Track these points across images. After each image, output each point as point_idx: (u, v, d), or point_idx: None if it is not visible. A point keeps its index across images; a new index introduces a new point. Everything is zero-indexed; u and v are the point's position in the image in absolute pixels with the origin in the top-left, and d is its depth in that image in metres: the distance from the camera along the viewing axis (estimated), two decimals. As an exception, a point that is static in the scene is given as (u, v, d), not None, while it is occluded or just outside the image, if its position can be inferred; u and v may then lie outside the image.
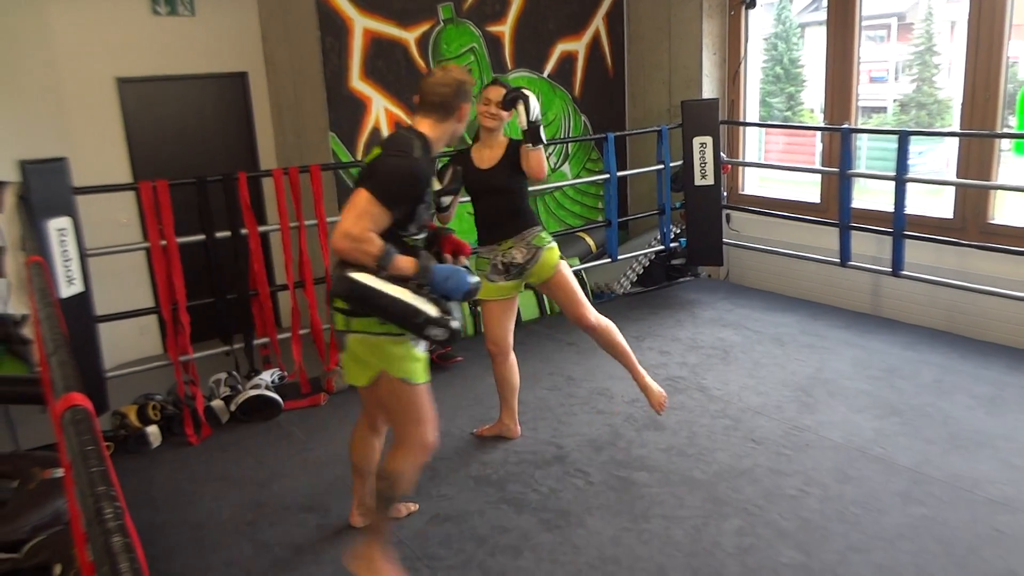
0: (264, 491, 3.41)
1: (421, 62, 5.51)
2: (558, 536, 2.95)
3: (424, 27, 5.49)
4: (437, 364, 4.63)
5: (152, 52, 5.54)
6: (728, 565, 2.74)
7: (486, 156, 3.46)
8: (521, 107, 3.30)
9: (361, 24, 5.22)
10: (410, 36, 5.45)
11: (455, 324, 2.45)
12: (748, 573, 2.69)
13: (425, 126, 2.57)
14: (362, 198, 2.35)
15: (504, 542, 2.94)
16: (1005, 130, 4.69)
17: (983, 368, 4.25)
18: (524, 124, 3.31)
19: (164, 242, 3.90)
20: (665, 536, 2.92)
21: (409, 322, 2.39)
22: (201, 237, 4.09)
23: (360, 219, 2.33)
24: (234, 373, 4.30)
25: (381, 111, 5.41)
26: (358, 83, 5.29)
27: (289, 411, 4.19)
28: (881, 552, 2.76)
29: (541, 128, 3.34)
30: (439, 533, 3.01)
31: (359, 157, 5.33)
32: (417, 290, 2.41)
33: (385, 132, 5.43)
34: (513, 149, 3.42)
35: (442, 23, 5.57)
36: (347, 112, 5.27)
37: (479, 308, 3.74)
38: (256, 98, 5.95)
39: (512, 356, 3.65)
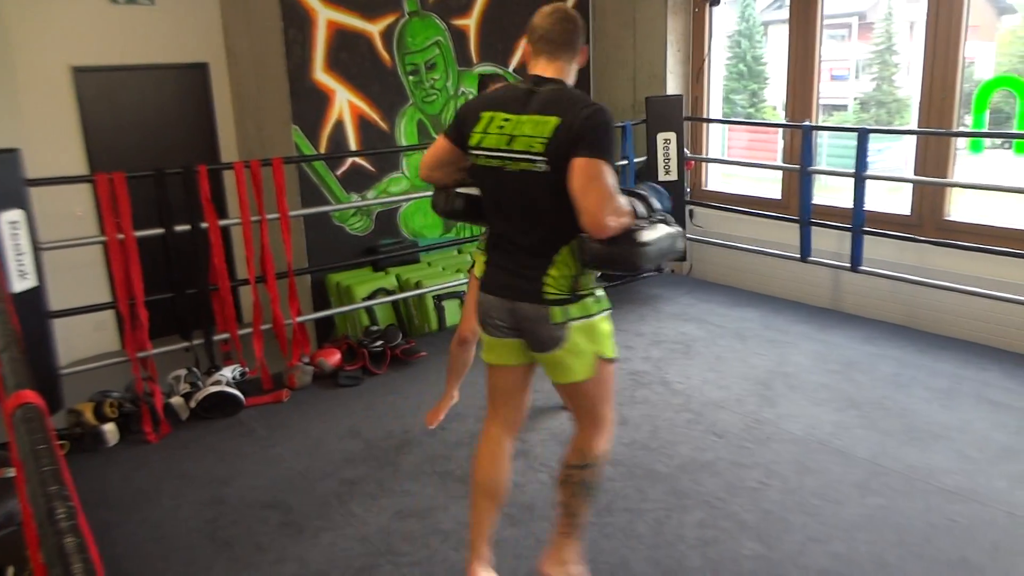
0: (225, 489, 3.37)
1: (385, 55, 5.47)
2: (522, 530, 2.96)
3: (388, 19, 5.45)
4: (400, 359, 4.61)
5: (110, 41, 5.44)
6: (690, 557, 2.76)
7: None
8: None
9: (325, 15, 5.16)
10: (374, 28, 5.40)
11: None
12: (710, 565, 2.72)
13: (555, 70, 2.26)
14: (597, 168, 2.08)
15: (468, 537, 2.93)
16: (961, 129, 4.79)
17: (939, 362, 4.34)
18: None
19: (121, 236, 3.82)
20: (628, 529, 2.93)
21: (677, 246, 2.29)
22: (160, 231, 4.02)
23: (613, 189, 2.10)
24: (194, 369, 4.23)
25: (345, 104, 5.35)
26: (321, 75, 5.23)
27: (251, 408, 4.14)
28: (839, 542, 2.80)
29: None
30: (402, 528, 3.00)
31: (322, 150, 5.28)
32: (658, 218, 2.28)
33: (349, 125, 5.38)
34: None
35: (407, 15, 5.53)
36: (310, 105, 5.21)
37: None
38: (217, 89, 5.87)
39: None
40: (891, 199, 5.29)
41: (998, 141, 5.11)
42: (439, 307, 5.26)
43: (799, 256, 5.24)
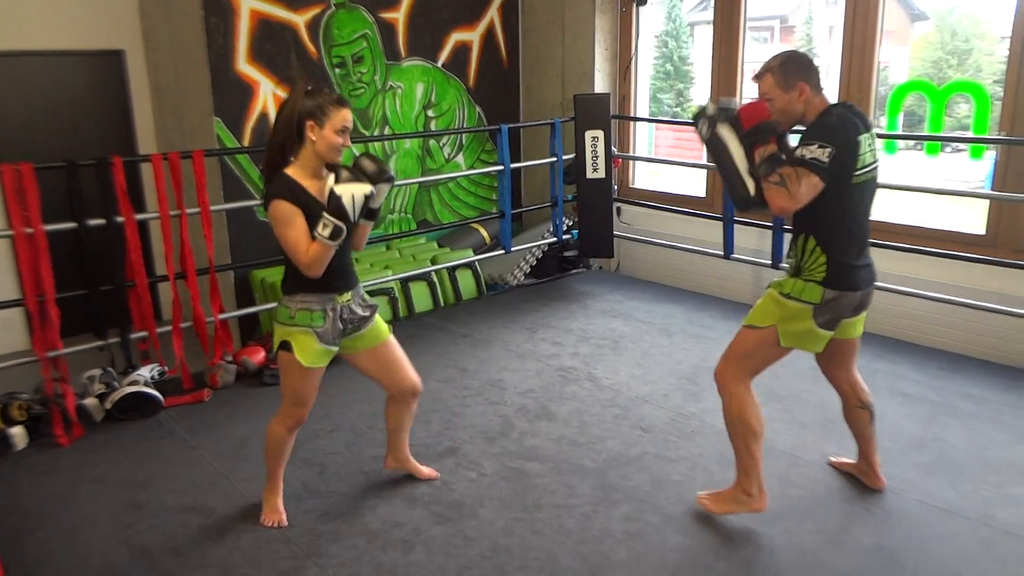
0: (143, 492, 3.25)
1: (311, 47, 5.37)
2: (451, 528, 2.94)
3: (314, 11, 5.34)
4: (328, 357, 4.53)
5: (16, 24, 5.17)
6: (617, 551, 2.79)
7: (324, 189, 2.71)
8: (385, 188, 2.74)
9: (248, 5, 5.02)
10: (300, 19, 5.29)
11: None
12: (636, 558, 2.75)
13: None
14: None
15: (396, 536, 2.90)
16: (876, 131, 4.95)
17: (854, 356, 4.49)
18: (376, 204, 2.76)
19: (30, 230, 3.64)
20: (556, 525, 2.95)
21: None
22: (72, 225, 3.85)
23: None
24: (109, 369, 4.07)
25: (269, 96, 5.23)
26: (245, 66, 5.10)
27: (170, 408, 4.00)
28: (761, 533, 2.87)
29: None
30: (329, 530, 2.95)
31: (246, 143, 5.15)
32: None
33: (273, 117, 5.26)
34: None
35: (333, 7, 5.44)
36: (233, 96, 5.07)
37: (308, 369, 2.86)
38: (134, 78, 5.65)
39: None
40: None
41: (910, 143, 5.32)
42: (367, 304, 5.18)
43: (722, 253, 5.35)
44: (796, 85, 2.65)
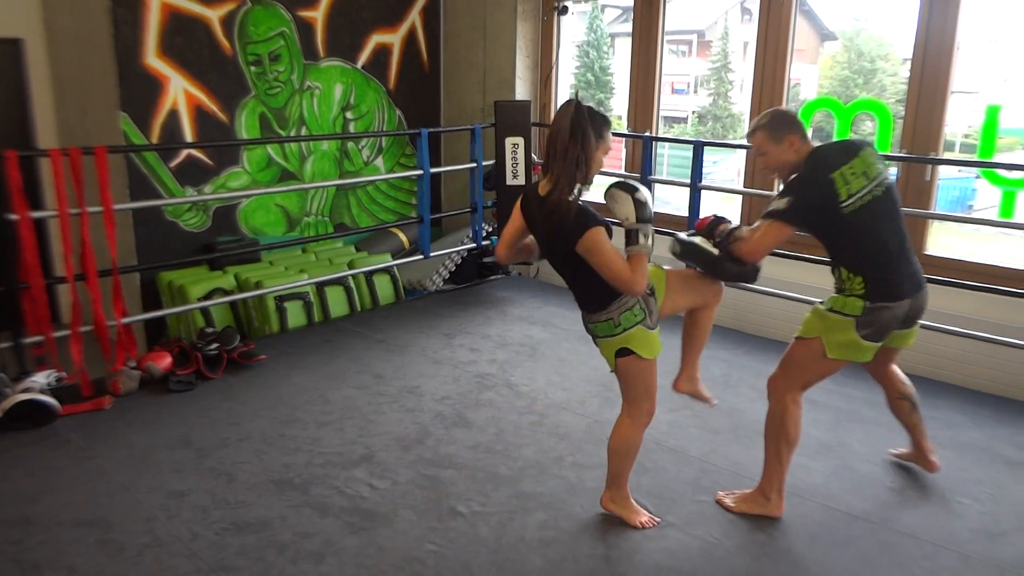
0: (34, 506, 3.07)
1: (226, 43, 5.21)
2: (363, 539, 2.88)
3: (230, 6, 5.19)
4: (238, 362, 4.39)
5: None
6: (532, 559, 2.78)
7: None
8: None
9: (158, -4, 4.85)
10: (213, 15, 5.13)
11: None
12: (550, 566, 2.75)
13: None
14: None
15: (307, 548, 2.82)
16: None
17: (765, 363, 4.60)
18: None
19: (-87, 226, 3.41)
20: (471, 534, 2.92)
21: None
22: (-39, 222, 3.62)
23: None
24: (1, 375, 3.84)
25: (180, 92, 5.05)
26: (154, 60, 4.91)
27: (67, 416, 3.80)
28: (672, 539, 2.91)
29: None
30: (236, 543, 2.84)
31: (154, 140, 4.96)
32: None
33: (184, 115, 5.09)
34: None
35: (249, 3, 5.29)
36: (141, 90, 4.88)
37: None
38: (34, 69, 5.37)
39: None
40: (725, 208, 5.59)
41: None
42: (280, 308, 5.06)
43: (640, 261, 5.42)
44: (785, 138, 2.85)
